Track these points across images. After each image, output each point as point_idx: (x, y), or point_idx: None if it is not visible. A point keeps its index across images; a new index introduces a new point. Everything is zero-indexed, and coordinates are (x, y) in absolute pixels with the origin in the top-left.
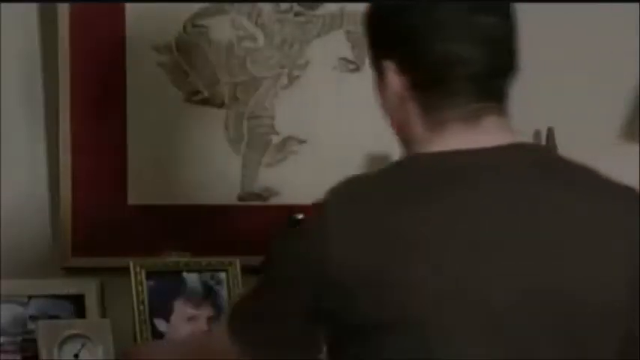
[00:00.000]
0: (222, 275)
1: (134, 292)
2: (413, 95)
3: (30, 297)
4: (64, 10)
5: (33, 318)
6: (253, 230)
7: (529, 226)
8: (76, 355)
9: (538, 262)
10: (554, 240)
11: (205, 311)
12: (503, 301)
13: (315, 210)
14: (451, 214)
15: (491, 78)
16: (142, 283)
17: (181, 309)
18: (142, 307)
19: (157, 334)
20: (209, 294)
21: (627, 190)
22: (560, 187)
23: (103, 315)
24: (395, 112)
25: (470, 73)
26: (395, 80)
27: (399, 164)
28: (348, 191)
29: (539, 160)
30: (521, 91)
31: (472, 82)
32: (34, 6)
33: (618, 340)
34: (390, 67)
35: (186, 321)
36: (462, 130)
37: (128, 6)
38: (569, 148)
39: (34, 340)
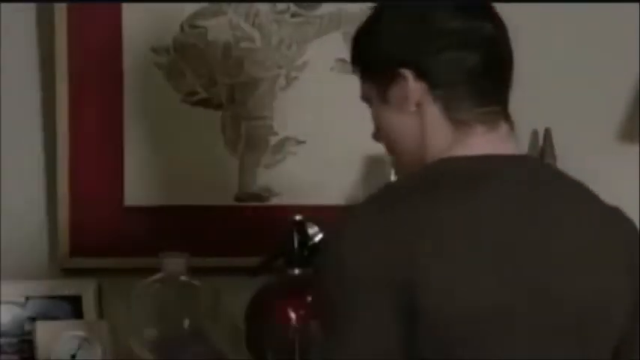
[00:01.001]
0: None
1: None
2: (434, 97)
3: (28, 298)
4: (61, 10)
5: (31, 319)
6: (251, 231)
7: (545, 234)
8: (74, 356)
9: (554, 268)
10: (567, 247)
11: None
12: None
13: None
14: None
15: (495, 82)
16: None
17: None
18: None
19: None
20: None
21: (614, 207)
22: (570, 199)
23: (101, 316)
24: (407, 129)
25: (477, 76)
26: (416, 86)
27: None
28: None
29: (547, 173)
30: (518, 91)
31: (480, 85)
32: (31, 6)
33: (617, 341)
34: (408, 75)
35: None
36: (485, 133)
37: (125, 6)
38: (567, 149)
39: (32, 341)
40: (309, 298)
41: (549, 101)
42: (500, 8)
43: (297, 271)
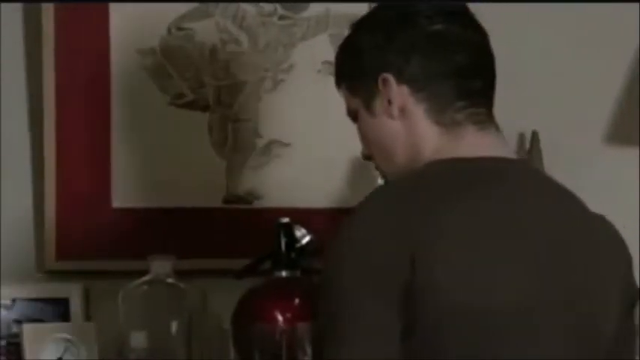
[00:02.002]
0: None
1: None
2: (417, 100)
3: (14, 300)
4: (48, 13)
5: (17, 321)
6: (238, 233)
7: (545, 235)
8: (60, 359)
9: (554, 269)
10: (565, 247)
11: None
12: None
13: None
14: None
15: (483, 83)
16: None
17: None
18: None
19: None
20: None
21: (602, 215)
22: (563, 202)
23: (88, 318)
24: (396, 135)
25: (463, 78)
26: (398, 89)
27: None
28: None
29: (544, 176)
30: (504, 93)
31: (469, 85)
32: (18, 7)
33: (610, 340)
34: (389, 78)
35: None
36: (476, 133)
37: (112, 8)
38: (554, 152)
39: (19, 344)
40: (297, 300)
41: (536, 104)
42: (488, 9)
43: (284, 274)
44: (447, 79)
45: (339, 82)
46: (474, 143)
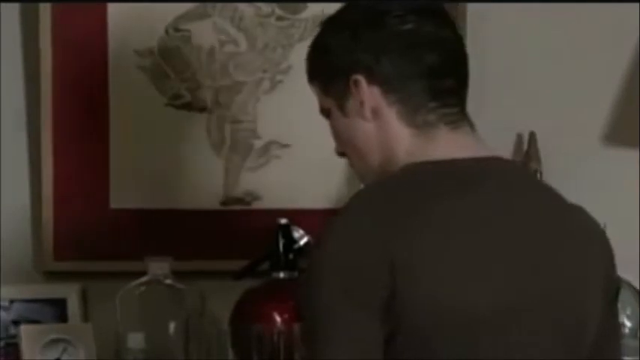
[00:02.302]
0: None
1: None
2: (389, 101)
3: (12, 301)
4: (45, 13)
5: (15, 322)
6: (236, 234)
7: (526, 234)
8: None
9: (536, 266)
10: (548, 246)
11: None
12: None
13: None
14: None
15: (455, 82)
16: None
17: None
18: None
19: None
20: None
21: (579, 206)
22: (543, 198)
23: (85, 319)
24: (369, 136)
25: (435, 78)
26: (370, 91)
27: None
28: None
29: (521, 174)
30: (502, 94)
31: (441, 85)
32: (15, 6)
33: (595, 333)
34: (360, 79)
35: None
36: (449, 133)
37: (110, 9)
38: (552, 153)
39: (17, 345)
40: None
41: (534, 105)
42: (486, 11)
43: (282, 275)
44: (418, 80)
45: (311, 81)
46: (447, 144)
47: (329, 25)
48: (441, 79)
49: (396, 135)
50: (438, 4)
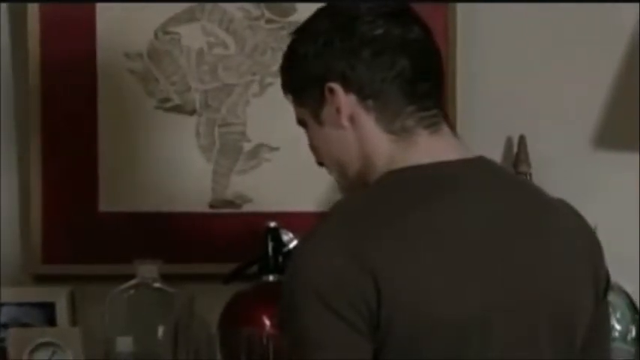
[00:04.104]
0: None
1: None
2: (366, 108)
3: (0, 305)
4: (34, 15)
5: (3, 326)
6: (225, 238)
7: (508, 238)
8: None
9: (522, 267)
10: (533, 246)
11: None
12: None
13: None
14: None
15: (430, 84)
16: None
17: None
18: None
19: None
20: None
21: (564, 201)
22: (526, 197)
23: (74, 323)
24: (347, 145)
25: (409, 82)
26: (346, 99)
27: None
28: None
29: (502, 173)
30: (491, 98)
31: (416, 88)
32: (3, 7)
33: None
34: (336, 88)
35: None
36: (429, 137)
37: (99, 11)
38: (541, 156)
39: (5, 348)
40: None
41: (524, 108)
42: (472, 10)
43: (271, 278)
44: (392, 85)
45: (285, 92)
46: (427, 148)
47: (300, 34)
48: (415, 83)
49: (375, 142)
50: (404, 5)
